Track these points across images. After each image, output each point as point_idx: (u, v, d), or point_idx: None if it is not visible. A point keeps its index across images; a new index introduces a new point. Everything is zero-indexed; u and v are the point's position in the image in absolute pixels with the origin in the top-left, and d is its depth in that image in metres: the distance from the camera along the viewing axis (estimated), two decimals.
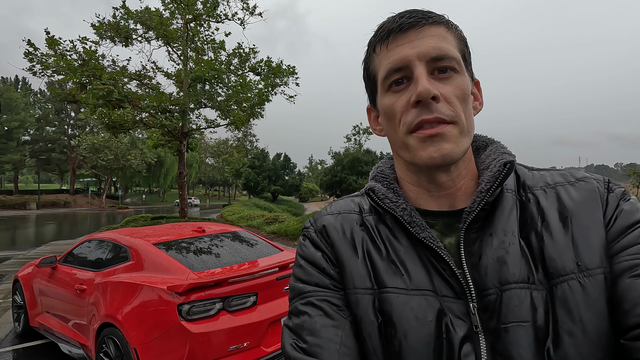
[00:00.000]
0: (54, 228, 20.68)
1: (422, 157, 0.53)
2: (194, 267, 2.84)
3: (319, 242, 0.63)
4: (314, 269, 0.61)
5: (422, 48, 0.53)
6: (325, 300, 0.57)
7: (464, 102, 0.54)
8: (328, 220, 0.65)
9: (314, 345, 0.53)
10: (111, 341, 2.72)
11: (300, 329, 0.55)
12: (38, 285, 4.05)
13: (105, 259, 3.37)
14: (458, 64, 0.54)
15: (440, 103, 0.52)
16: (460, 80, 0.54)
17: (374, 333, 0.53)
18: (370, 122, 0.66)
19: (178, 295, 2.41)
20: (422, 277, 0.54)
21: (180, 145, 12.67)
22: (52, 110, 48.36)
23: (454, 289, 0.52)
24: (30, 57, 9.98)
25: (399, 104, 0.55)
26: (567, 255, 0.50)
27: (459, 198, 0.59)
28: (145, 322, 2.50)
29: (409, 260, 0.55)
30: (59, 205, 41.92)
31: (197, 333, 2.32)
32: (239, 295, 2.56)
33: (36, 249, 12.08)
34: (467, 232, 0.54)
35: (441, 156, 0.52)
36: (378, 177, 0.66)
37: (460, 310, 0.51)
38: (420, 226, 0.55)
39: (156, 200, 59.88)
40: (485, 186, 0.55)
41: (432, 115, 0.52)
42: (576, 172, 0.60)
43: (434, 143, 0.52)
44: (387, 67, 0.55)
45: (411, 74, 0.53)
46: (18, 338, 4.31)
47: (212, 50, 13.32)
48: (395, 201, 0.59)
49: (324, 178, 41.13)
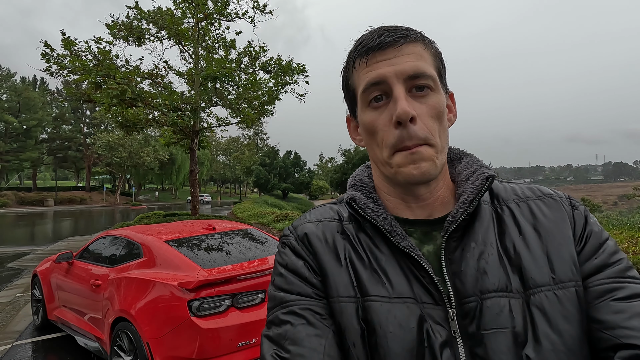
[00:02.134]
0: (70, 224, 21.24)
1: (403, 174, 0.55)
2: (204, 264, 2.90)
3: (300, 251, 0.62)
4: (296, 278, 0.59)
5: (400, 67, 0.55)
6: (308, 309, 0.56)
7: (439, 120, 0.56)
8: (309, 228, 0.64)
9: (296, 355, 0.51)
10: (125, 335, 2.81)
11: (281, 338, 0.54)
12: (55, 280, 4.19)
13: (119, 256, 3.46)
14: (434, 82, 0.56)
15: (417, 125, 0.54)
16: (436, 98, 0.56)
17: (357, 341, 0.53)
18: (350, 132, 0.68)
19: (188, 292, 2.47)
20: (403, 285, 0.55)
21: (191, 143, 12.83)
22: (68, 109, 49.52)
23: (432, 295, 0.53)
24: (47, 58, 10.25)
25: (381, 122, 0.56)
26: (543, 267, 0.53)
27: (436, 208, 0.61)
28: (157, 317, 2.57)
29: (390, 268, 0.56)
30: (76, 202, 43.00)
31: (206, 329, 2.38)
32: (247, 292, 2.61)
33: (54, 244, 12.45)
34: (448, 240, 0.56)
35: (420, 174, 0.54)
36: (357, 186, 0.66)
37: (440, 316, 0.52)
38: (400, 235, 0.57)
39: (168, 197, 60.84)
40: (468, 197, 0.57)
41: (412, 141, 0.54)
42: (541, 187, 0.64)
43: (414, 162, 0.54)
44: (365, 81, 0.57)
45: (389, 90, 0.55)
46: (37, 331, 4.47)
47: (223, 48, 13.43)
48: (376, 210, 0.60)
49: (334, 176, 41.11)
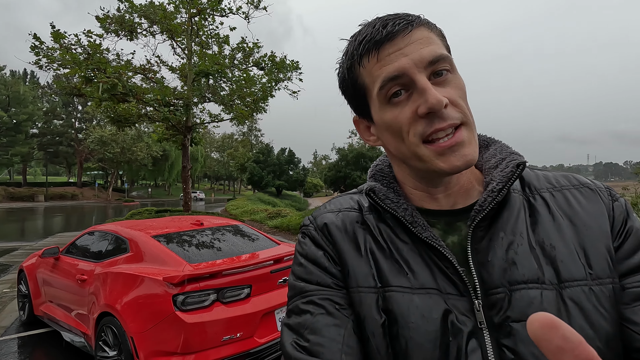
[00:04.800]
0: (61, 220, 21.00)
1: (443, 168, 0.52)
2: (190, 259, 2.90)
3: (319, 240, 0.62)
4: (316, 268, 0.59)
5: (417, 54, 0.51)
6: (327, 299, 0.56)
7: (464, 100, 0.53)
8: (329, 218, 0.63)
9: (315, 344, 0.52)
10: (110, 330, 2.80)
11: (301, 327, 0.54)
12: (42, 275, 4.15)
13: (105, 251, 3.44)
14: (450, 63, 0.53)
15: (449, 108, 0.51)
16: (456, 79, 0.54)
17: (377, 332, 0.53)
18: (361, 133, 0.64)
19: (173, 286, 2.47)
20: (425, 276, 0.54)
21: (184, 140, 12.75)
22: (59, 104, 48.83)
23: (457, 286, 0.52)
24: (36, 51, 10.09)
25: (403, 116, 0.53)
26: (578, 261, 0.51)
27: (460, 197, 0.59)
28: (142, 311, 2.57)
29: (412, 259, 0.55)
30: (67, 198, 42.52)
31: (191, 323, 2.38)
32: (233, 287, 2.61)
33: (43, 240, 12.30)
34: (475, 230, 0.54)
35: (465, 163, 0.51)
36: (377, 176, 0.65)
37: (465, 307, 0.51)
38: (422, 226, 0.56)
39: (162, 193, 60.42)
40: (497, 186, 0.54)
41: (446, 122, 0.50)
42: (577, 175, 0.61)
43: (454, 152, 0.51)
44: (381, 78, 0.53)
45: (409, 83, 0.52)
46: (23, 326, 4.43)
47: (217, 44, 13.34)
48: (396, 201, 0.59)
49: (328, 173, 41.11)
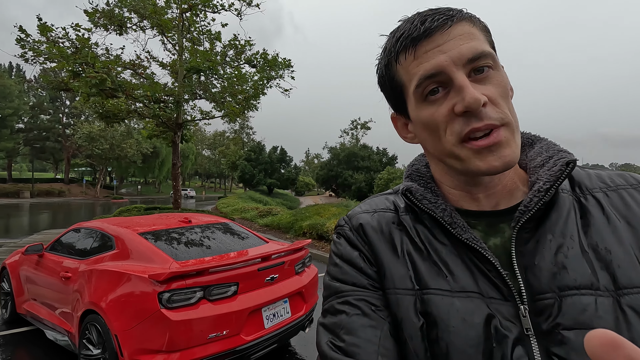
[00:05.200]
0: (47, 217, 20.61)
1: (480, 168, 0.50)
2: (177, 257, 2.88)
3: (355, 241, 0.61)
4: (351, 268, 0.59)
5: (455, 51, 0.49)
6: (363, 300, 0.55)
7: (507, 98, 0.51)
8: (365, 219, 0.63)
9: (351, 345, 0.51)
10: (94, 328, 2.76)
11: (337, 327, 0.54)
12: (25, 272, 4.07)
13: (90, 248, 3.39)
14: (493, 59, 0.51)
15: (488, 107, 0.49)
16: (499, 76, 0.51)
17: (415, 335, 0.51)
18: (398, 130, 0.63)
19: (159, 284, 2.45)
20: (466, 279, 0.52)
21: (174, 136, 12.61)
22: (46, 99, 47.84)
23: (501, 290, 0.50)
24: (22, 43, 9.86)
25: (440, 113, 0.51)
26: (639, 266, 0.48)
27: (503, 197, 0.57)
28: (126, 309, 2.54)
29: (451, 261, 0.54)
30: (54, 195, 41.70)
31: (176, 321, 2.36)
32: (219, 284, 2.60)
33: (28, 237, 12.05)
34: (520, 232, 0.52)
35: (503, 164, 0.49)
36: (414, 175, 0.63)
37: (509, 312, 0.49)
38: (462, 227, 0.54)
39: (152, 191, 59.70)
40: (544, 185, 0.52)
41: (483, 122, 0.49)
42: (635, 174, 0.58)
43: (492, 152, 0.49)
44: (418, 76, 0.51)
45: (447, 81, 0.50)
46: (5, 324, 4.34)
47: (208, 41, 13.21)
48: (434, 202, 0.57)
49: (320, 172, 41.14)
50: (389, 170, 27.60)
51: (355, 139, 50.89)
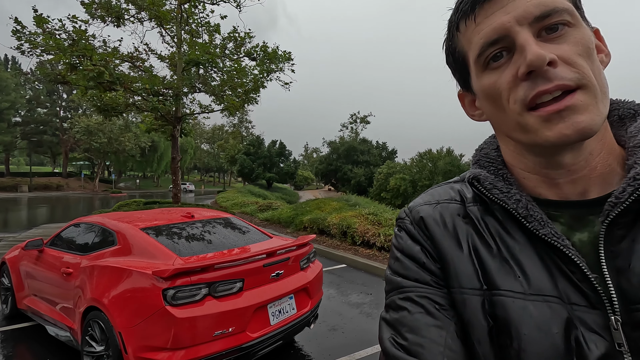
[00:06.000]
0: (46, 211, 20.53)
1: (549, 138, 0.43)
2: (180, 253, 2.83)
3: (416, 235, 0.57)
4: (413, 264, 0.55)
5: (522, 9, 0.43)
6: (426, 297, 0.51)
7: (590, 58, 0.43)
8: (426, 211, 0.58)
9: (414, 344, 0.48)
10: (96, 325, 2.72)
11: (399, 324, 0.51)
12: (25, 268, 4.02)
13: (92, 243, 3.34)
14: (571, 15, 0.43)
15: (560, 67, 0.42)
16: (578, 34, 0.43)
17: (484, 339, 0.47)
18: (465, 109, 0.57)
19: (163, 280, 2.40)
20: (543, 280, 0.45)
21: (173, 130, 12.50)
22: (43, 92, 47.40)
23: (587, 296, 0.43)
24: (17, 35, 9.70)
25: (503, 80, 0.45)
26: None
27: (593, 183, 0.47)
28: (130, 306, 2.49)
29: (526, 259, 0.47)
30: (52, 188, 41.56)
31: (181, 318, 2.32)
32: (225, 281, 2.55)
33: (27, 231, 11.98)
34: (611, 228, 0.44)
35: (576, 132, 0.41)
36: (482, 161, 0.57)
37: (596, 322, 0.42)
38: (539, 221, 0.47)
39: (150, 185, 59.58)
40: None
41: (552, 83, 0.41)
42: None
43: (564, 119, 0.42)
44: (479, 43, 0.46)
45: (512, 44, 0.44)
46: (6, 320, 4.30)
47: (207, 33, 13.03)
48: (506, 191, 0.50)
49: (319, 166, 41.08)
50: (389, 165, 27.55)
51: (355, 133, 50.73)
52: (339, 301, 4.75)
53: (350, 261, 6.67)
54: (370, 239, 7.17)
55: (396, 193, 23.95)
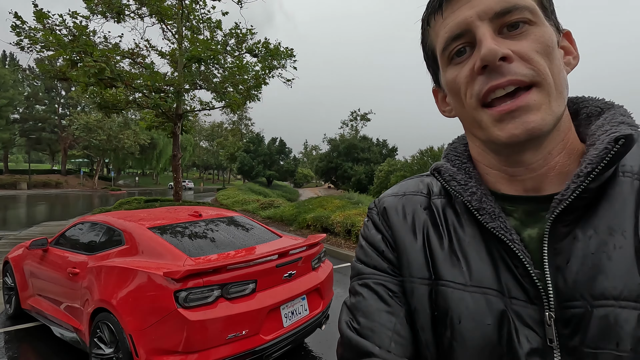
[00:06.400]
0: (45, 209, 20.43)
1: (499, 137, 0.44)
2: (190, 253, 2.76)
3: (379, 224, 0.60)
4: (373, 251, 0.58)
5: (484, 5, 0.43)
6: (381, 285, 0.54)
7: (549, 57, 0.43)
8: (389, 202, 0.60)
9: (365, 328, 0.52)
10: (105, 326, 2.65)
11: (355, 309, 0.54)
12: (29, 267, 3.95)
13: (98, 242, 3.27)
14: (533, 13, 0.43)
15: (515, 62, 0.42)
16: (539, 32, 0.44)
17: (427, 326, 0.50)
18: (438, 105, 0.58)
19: (175, 282, 2.33)
20: (486, 273, 0.47)
21: (174, 127, 12.40)
22: (41, 88, 47.13)
23: (526, 291, 0.44)
24: (17, 30, 9.57)
25: (462, 74, 0.46)
26: None
27: (550, 180, 0.47)
28: (141, 308, 2.43)
29: (472, 252, 0.49)
30: (51, 186, 41.38)
31: (194, 321, 2.25)
32: (237, 282, 2.49)
33: (28, 229, 11.90)
34: (556, 225, 0.44)
35: (526, 131, 0.42)
36: (450, 155, 0.58)
37: (532, 317, 0.43)
38: (490, 214, 0.47)
39: (149, 182, 59.43)
40: (585, 168, 0.43)
41: (505, 78, 0.42)
42: None
43: (514, 119, 0.42)
44: (444, 37, 0.47)
45: (474, 39, 0.45)
46: (9, 320, 4.24)
47: (208, 29, 12.90)
48: (463, 184, 0.51)
49: (319, 164, 40.98)
50: (390, 162, 27.49)
51: (355, 131, 50.60)
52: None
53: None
54: None
55: None
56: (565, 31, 0.50)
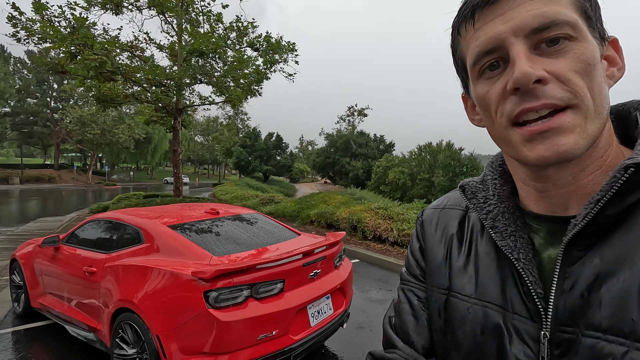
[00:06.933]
0: (40, 204, 20.13)
1: (528, 158, 0.42)
2: (214, 252, 2.71)
3: (418, 234, 0.66)
4: (412, 259, 0.66)
5: (519, 19, 0.41)
6: (412, 291, 0.63)
7: (588, 76, 0.40)
8: (427, 215, 0.66)
9: (397, 325, 0.63)
10: (128, 327, 2.60)
11: (394, 309, 0.65)
12: (40, 265, 3.87)
13: (115, 241, 3.20)
14: (574, 28, 0.40)
15: (550, 84, 0.40)
16: (580, 48, 0.40)
17: (439, 330, 0.56)
18: (467, 112, 0.57)
19: (204, 282, 2.28)
20: (491, 288, 0.50)
21: (174, 122, 12.24)
22: (33, 81, 46.23)
23: (528, 308, 0.46)
24: (13, 22, 9.31)
25: (494, 91, 0.44)
26: None
27: (578, 199, 0.45)
28: (168, 308, 2.38)
29: (484, 267, 0.52)
30: (44, 181, 40.80)
31: (226, 321, 2.21)
32: (266, 282, 2.45)
33: (24, 225, 11.72)
34: (570, 248, 0.43)
35: (556, 154, 0.40)
36: (487, 169, 0.58)
37: (529, 334, 0.45)
38: (502, 232, 0.49)
39: (144, 177, 58.88)
40: (597, 195, 0.41)
41: (539, 102, 0.40)
42: None
43: (545, 140, 0.40)
44: (475, 51, 0.45)
45: (507, 55, 0.42)
46: (19, 319, 4.16)
47: (208, 22, 12.68)
48: (482, 202, 0.54)
49: (317, 159, 40.85)
50: (387, 158, 27.48)
51: (352, 126, 50.48)
52: (360, 298, 4.67)
53: (363, 256, 6.60)
54: (382, 233, 7.11)
55: (395, 186, 23.92)
56: (612, 39, 0.46)
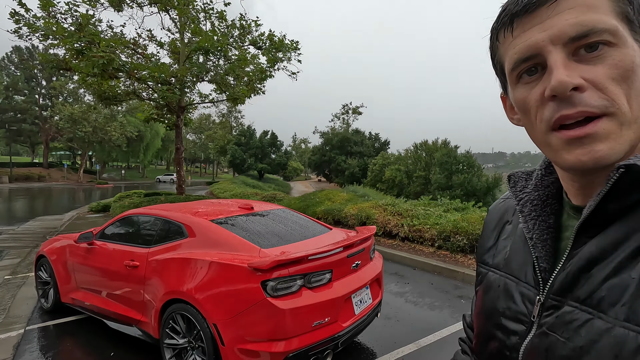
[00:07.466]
0: (34, 203, 19.80)
1: (566, 161, 0.45)
2: (261, 245, 2.82)
3: (486, 222, 0.74)
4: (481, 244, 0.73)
5: (557, 28, 0.42)
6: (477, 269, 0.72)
7: (626, 82, 0.41)
8: (493, 206, 0.74)
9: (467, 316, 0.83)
10: (180, 317, 2.70)
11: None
12: (72, 261, 3.92)
13: (156, 235, 3.28)
14: (613, 34, 0.41)
15: (587, 92, 0.41)
16: (619, 55, 0.41)
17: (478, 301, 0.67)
18: (506, 111, 0.59)
19: (261, 272, 2.40)
20: (516, 264, 0.59)
21: (177, 120, 12.21)
22: (21, 78, 45.22)
23: (534, 279, 0.55)
24: (16, 18, 9.18)
25: (532, 97, 0.46)
26: None
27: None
28: (225, 298, 2.48)
29: (515, 246, 0.61)
30: (33, 179, 40.00)
31: (285, 309, 2.33)
32: (317, 272, 2.58)
33: (25, 224, 11.58)
34: (580, 235, 0.49)
35: (593, 160, 0.42)
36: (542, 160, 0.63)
37: (529, 298, 0.54)
38: (526, 217, 0.58)
39: (136, 175, 58.11)
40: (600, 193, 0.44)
41: (575, 109, 0.42)
42: None
43: (583, 145, 0.42)
44: (513, 58, 0.47)
45: (545, 62, 0.44)
46: (47, 314, 4.20)
47: (209, 20, 12.65)
48: (519, 190, 0.61)
49: (312, 157, 40.94)
50: (384, 156, 27.73)
51: (346, 124, 50.67)
52: None
53: None
54: (392, 229, 7.28)
55: (392, 184, 24.19)
56: None
